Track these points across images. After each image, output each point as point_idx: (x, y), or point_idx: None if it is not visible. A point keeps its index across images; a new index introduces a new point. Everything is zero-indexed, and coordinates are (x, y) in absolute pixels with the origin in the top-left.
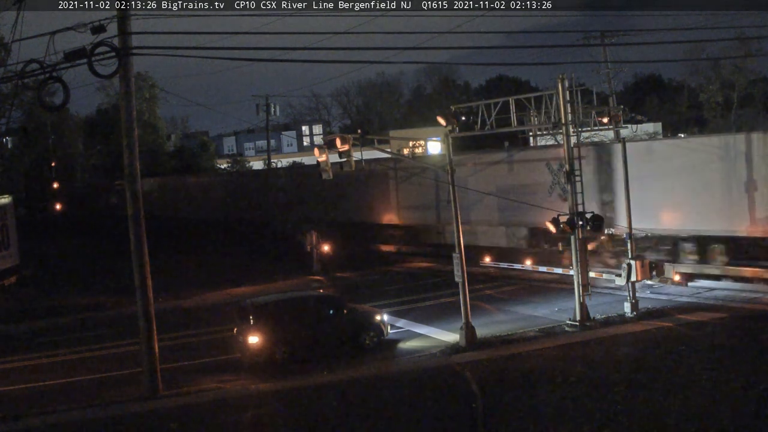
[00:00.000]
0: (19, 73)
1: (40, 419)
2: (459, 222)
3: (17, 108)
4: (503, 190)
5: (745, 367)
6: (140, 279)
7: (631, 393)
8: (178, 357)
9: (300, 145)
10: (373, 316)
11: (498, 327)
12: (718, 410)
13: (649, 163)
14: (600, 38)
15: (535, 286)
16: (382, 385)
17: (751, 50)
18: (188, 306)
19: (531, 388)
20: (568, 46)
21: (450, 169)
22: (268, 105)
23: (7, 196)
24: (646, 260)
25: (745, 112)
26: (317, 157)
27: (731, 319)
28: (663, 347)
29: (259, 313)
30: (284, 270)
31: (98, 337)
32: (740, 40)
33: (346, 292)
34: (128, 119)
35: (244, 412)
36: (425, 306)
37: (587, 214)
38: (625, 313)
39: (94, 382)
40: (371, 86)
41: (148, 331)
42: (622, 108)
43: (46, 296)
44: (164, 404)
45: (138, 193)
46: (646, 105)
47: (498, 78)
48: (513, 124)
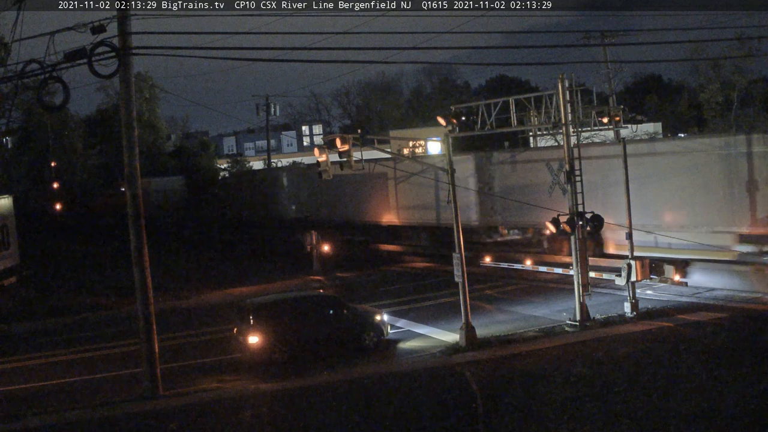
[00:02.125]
0: (19, 73)
1: (40, 419)
2: (459, 222)
3: (17, 108)
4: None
5: (745, 367)
6: (140, 279)
7: (631, 393)
8: (178, 357)
9: (300, 145)
10: (373, 316)
11: (498, 327)
12: (718, 410)
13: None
14: (600, 38)
15: (535, 286)
16: (382, 385)
17: (751, 50)
18: (188, 306)
19: (531, 388)
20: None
21: (450, 169)
22: (268, 105)
23: (7, 196)
24: (646, 260)
25: (745, 112)
26: (317, 157)
27: (731, 319)
28: (663, 347)
29: (259, 313)
30: (284, 270)
31: (98, 337)
32: (740, 40)
33: (346, 292)
34: (128, 119)
35: (244, 412)
36: (425, 306)
37: (587, 214)
38: (625, 313)
39: (94, 382)
40: (371, 86)
41: (148, 331)
42: (622, 108)
43: (46, 296)
44: (164, 404)
45: (138, 193)
46: (646, 105)
47: (498, 78)
48: (513, 124)
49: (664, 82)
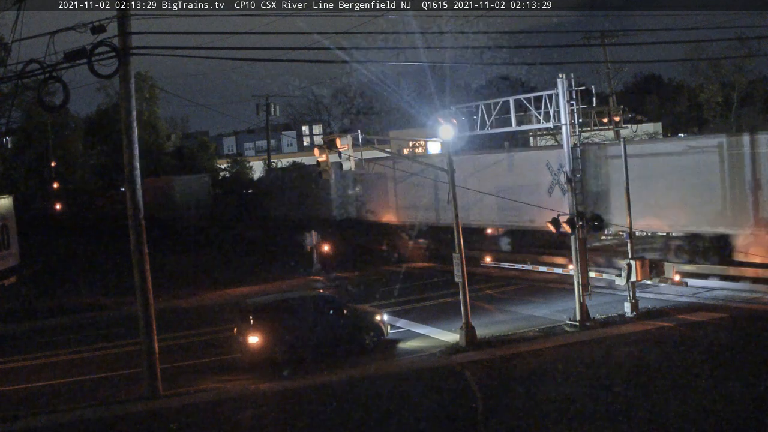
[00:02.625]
0: (19, 73)
1: (40, 419)
2: (459, 222)
3: (17, 108)
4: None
5: (745, 367)
6: (140, 279)
7: (631, 393)
8: (178, 357)
9: (300, 145)
10: (373, 316)
11: (498, 327)
12: (718, 410)
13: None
14: (600, 38)
15: (535, 286)
16: (382, 385)
17: (751, 50)
18: (188, 306)
19: (531, 388)
20: (568, 46)
21: (450, 169)
22: (268, 105)
23: (7, 196)
24: (646, 260)
25: (745, 112)
26: (317, 157)
27: (731, 319)
28: (663, 347)
29: (259, 313)
30: (284, 270)
31: (98, 337)
32: (740, 40)
33: (346, 293)
34: (128, 119)
35: (244, 412)
36: (425, 306)
37: (587, 214)
38: (625, 313)
39: (94, 382)
40: (371, 86)
41: (148, 331)
42: (622, 108)
43: (46, 296)
44: (164, 404)
45: (138, 193)
46: (646, 105)
47: (498, 78)
48: (513, 124)
49: (664, 82)
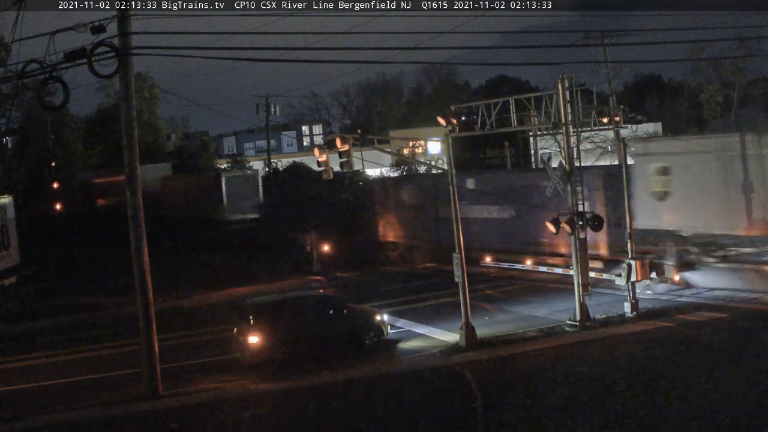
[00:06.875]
0: (19, 73)
1: (40, 419)
2: (459, 222)
3: (17, 108)
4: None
5: (745, 367)
6: (140, 279)
7: (631, 393)
8: (178, 357)
9: (300, 145)
10: (373, 316)
11: (498, 327)
12: (718, 410)
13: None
14: (600, 38)
15: (535, 286)
16: (382, 385)
17: (751, 50)
18: (188, 306)
19: (531, 388)
20: (568, 46)
21: (450, 169)
22: (268, 105)
23: (7, 196)
24: (646, 260)
25: (745, 112)
26: (317, 157)
27: (731, 319)
28: (663, 347)
29: (259, 313)
30: (284, 270)
31: (98, 337)
32: (740, 40)
33: (346, 292)
34: (128, 119)
35: (244, 412)
36: (425, 306)
37: (587, 214)
38: (625, 313)
39: (94, 382)
40: (371, 86)
41: (148, 331)
42: (622, 108)
43: (46, 296)
44: (164, 404)
45: (138, 193)
46: (646, 105)
47: (498, 78)
48: (513, 124)
49: (664, 82)
